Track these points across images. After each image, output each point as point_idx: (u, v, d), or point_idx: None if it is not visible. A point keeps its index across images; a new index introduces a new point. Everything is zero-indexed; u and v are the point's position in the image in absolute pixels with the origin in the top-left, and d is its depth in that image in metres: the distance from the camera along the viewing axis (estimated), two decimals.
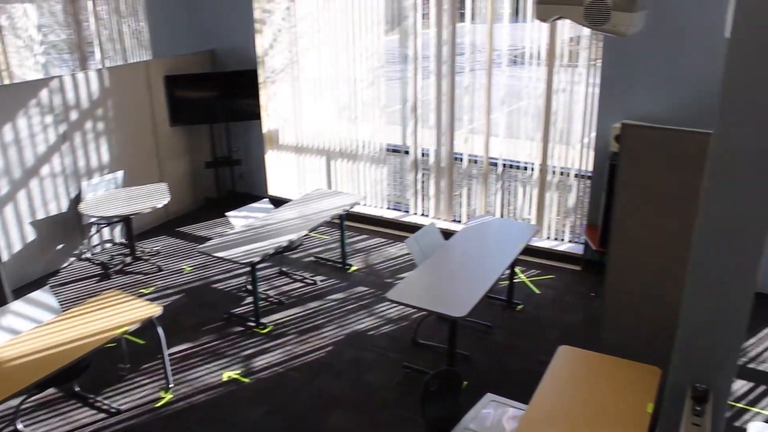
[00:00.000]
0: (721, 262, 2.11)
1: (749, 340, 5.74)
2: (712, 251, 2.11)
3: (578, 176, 6.93)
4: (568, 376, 3.81)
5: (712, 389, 2.17)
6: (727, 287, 2.11)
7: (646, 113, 6.13)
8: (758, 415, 4.81)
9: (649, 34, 5.59)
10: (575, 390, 3.67)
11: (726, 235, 2.05)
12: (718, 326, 2.17)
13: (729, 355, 2.18)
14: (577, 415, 3.45)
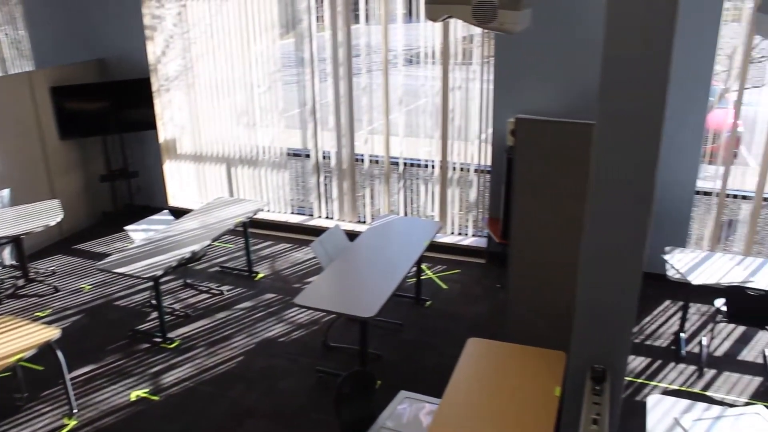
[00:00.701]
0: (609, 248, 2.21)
1: (645, 318, 6.05)
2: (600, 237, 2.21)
3: (478, 171, 7.11)
4: (478, 368, 3.89)
5: (609, 369, 2.28)
6: (616, 272, 2.22)
7: (539, 107, 6.35)
8: (656, 388, 5.08)
9: (538, 30, 5.80)
10: (486, 380, 3.76)
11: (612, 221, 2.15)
12: (610, 310, 2.27)
13: (622, 336, 2.30)
14: (489, 404, 3.54)
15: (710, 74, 6.05)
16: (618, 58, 2.03)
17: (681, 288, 5.63)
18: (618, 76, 2.04)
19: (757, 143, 6.69)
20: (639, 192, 2.09)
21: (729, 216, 8.00)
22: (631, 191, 2.10)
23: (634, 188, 2.09)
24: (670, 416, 3.61)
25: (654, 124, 2.03)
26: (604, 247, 2.22)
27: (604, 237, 2.20)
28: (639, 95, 2.02)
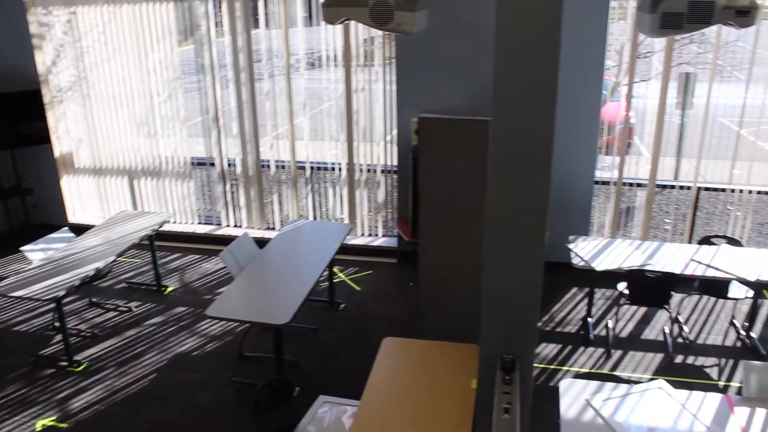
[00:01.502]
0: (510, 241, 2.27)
1: (554, 306, 6.24)
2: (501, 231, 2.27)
3: (385, 172, 7.15)
4: (395, 366, 3.92)
5: (518, 358, 2.34)
6: (518, 264, 2.29)
7: (442, 105, 6.45)
8: (568, 373, 5.25)
9: (437, 30, 5.89)
10: (404, 378, 3.78)
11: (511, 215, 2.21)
12: (514, 301, 2.34)
13: (528, 325, 2.37)
14: (408, 401, 3.57)
15: (602, 69, 6.32)
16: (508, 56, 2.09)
17: (586, 275, 5.85)
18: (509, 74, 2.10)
19: (648, 133, 7.02)
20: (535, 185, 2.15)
21: (626, 203, 8.38)
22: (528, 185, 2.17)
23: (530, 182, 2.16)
24: (581, 398, 3.74)
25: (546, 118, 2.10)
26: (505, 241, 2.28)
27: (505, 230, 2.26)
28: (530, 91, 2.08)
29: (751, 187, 6.88)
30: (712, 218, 8.70)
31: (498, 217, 2.20)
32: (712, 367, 5.39)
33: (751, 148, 7.27)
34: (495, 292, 2.32)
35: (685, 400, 3.76)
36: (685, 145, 9.16)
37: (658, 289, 5.34)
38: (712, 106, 6.74)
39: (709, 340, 5.77)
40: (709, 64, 7.00)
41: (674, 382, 5.07)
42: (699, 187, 6.90)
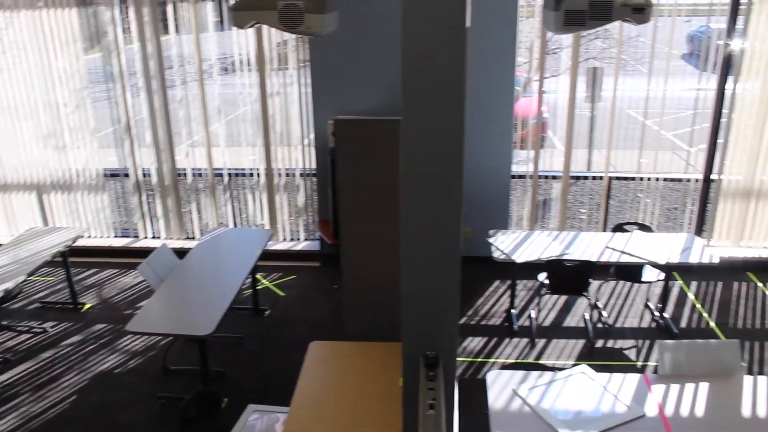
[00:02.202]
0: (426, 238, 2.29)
1: (478, 300, 6.35)
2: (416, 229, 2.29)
3: (304, 175, 7.11)
4: (323, 370, 3.90)
5: (441, 354, 2.37)
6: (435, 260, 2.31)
7: (358, 107, 6.47)
8: (495, 364, 5.35)
9: (349, 31, 5.89)
10: (332, 381, 3.77)
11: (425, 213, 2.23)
12: (434, 297, 2.36)
13: (449, 321, 2.40)
14: (338, 404, 3.55)
15: (513, 66, 6.46)
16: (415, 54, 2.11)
17: (507, 267, 5.97)
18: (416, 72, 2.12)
19: (561, 127, 7.23)
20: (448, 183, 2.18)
21: (543, 196, 8.60)
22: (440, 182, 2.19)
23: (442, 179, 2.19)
24: (508, 388, 3.82)
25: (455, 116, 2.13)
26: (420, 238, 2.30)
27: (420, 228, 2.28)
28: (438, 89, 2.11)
29: (658, 174, 7.18)
30: (624, 206, 9.04)
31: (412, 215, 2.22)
32: (630, 349, 5.60)
33: (656, 138, 7.57)
34: (413, 290, 2.34)
35: (606, 382, 3.88)
36: (595, 136, 9.47)
37: (576, 278, 5.51)
38: (618, 98, 7.00)
39: (626, 324, 5.99)
40: (613, 58, 7.27)
41: (596, 365, 5.22)
42: (610, 176, 7.15)
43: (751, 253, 7.08)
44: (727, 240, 7.15)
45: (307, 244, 7.28)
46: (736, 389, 3.86)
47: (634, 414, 3.61)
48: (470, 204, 6.63)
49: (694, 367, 3.98)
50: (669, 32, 6.71)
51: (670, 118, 9.08)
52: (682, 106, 7.84)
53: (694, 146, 7.51)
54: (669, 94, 7.04)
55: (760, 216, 7.04)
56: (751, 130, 6.71)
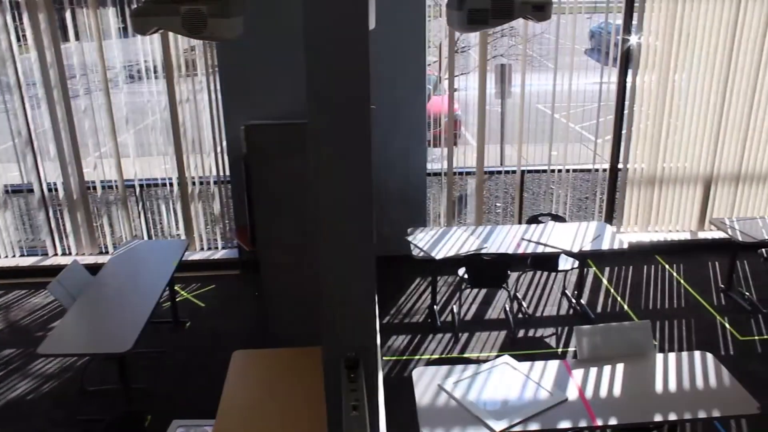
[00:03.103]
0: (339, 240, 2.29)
1: (401, 298, 6.39)
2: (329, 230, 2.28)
3: (218, 182, 6.99)
4: (247, 379, 3.84)
5: (362, 355, 2.37)
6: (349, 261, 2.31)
7: (271, 111, 6.37)
8: (420, 361, 5.40)
9: (257, 35, 5.83)
10: (257, 390, 3.72)
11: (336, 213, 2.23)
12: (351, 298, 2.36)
13: (366, 321, 2.40)
14: (263, 413, 3.51)
15: (424, 65, 6.54)
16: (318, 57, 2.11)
17: (427, 264, 6.03)
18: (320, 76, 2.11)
19: (473, 123, 7.37)
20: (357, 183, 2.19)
21: (459, 192, 8.74)
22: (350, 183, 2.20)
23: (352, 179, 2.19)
24: (434, 384, 3.86)
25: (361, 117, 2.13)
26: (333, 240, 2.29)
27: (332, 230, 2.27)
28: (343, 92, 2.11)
29: (568, 166, 7.41)
30: (538, 198, 9.29)
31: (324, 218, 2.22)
32: (551, 337, 5.76)
33: (564, 131, 7.82)
34: (330, 293, 2.33)
35: (528, 370, 3.98)
36: (507, 131, 9.69)
37: (495, 271, 5.62)
38: (527, 94, 7.19)
39: (545, 312, 6.15)
40: (520, 55, 7.46)
41: (518, 355, 5.34)
42: (523, 170, 7.33)
43: (658, 237, 7.40)
44: (636, 226, 7.45)
45: (225, 253, 7.15)
46: (649, 367, 4.03)
47: (556, 399, 3.72)
48: (387, 203, 6.67)
49: (610, 349, 4.13)
50: (572, 29, 6.93)
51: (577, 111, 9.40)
52: (588, 99, 8.11)
53: (600, 137, 7.78)
54: (575, 88, 7.29)
55: (664, 202, 7.37)
56: (652, 121, 7.02)
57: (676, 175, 7.26)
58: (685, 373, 3.98)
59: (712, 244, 7.38)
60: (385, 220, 6.48)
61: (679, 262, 7.13)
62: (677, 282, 6.72)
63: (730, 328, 5.89)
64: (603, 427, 3.59)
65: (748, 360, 5.44)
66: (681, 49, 6.82)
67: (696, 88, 6.97)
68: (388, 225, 6.50)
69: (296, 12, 2.15)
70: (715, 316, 6.08)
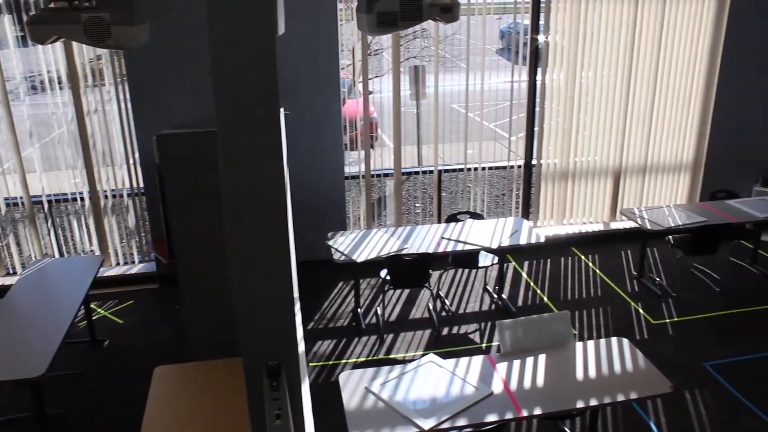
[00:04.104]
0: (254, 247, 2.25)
1: (324, 303, 6.36)
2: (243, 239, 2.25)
3: (132, 195, 6.79)
4: (170, 395, 3.74)
5: (283, 362, 2.34)
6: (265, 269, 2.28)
7: (185, 120, 6.23)
8: (347, 365, 5.38)
9: (165, 42, 5.70)
10: (180, 405, 3.63)
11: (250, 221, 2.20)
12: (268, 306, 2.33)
13: (286, 328, 2.38)
14: (187, 428, 3.42)
15: (337, 69, 6.53)
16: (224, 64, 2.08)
17: (349, 268, 6.03)
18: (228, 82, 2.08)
19: (390, 126, 7.41)
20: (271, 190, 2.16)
21: (378, 194, 8.78)
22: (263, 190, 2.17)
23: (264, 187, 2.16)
24: (361, 387, 3.86)
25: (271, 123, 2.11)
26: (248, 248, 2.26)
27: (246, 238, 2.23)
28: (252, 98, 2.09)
29: (484, 163, 7.56)
30: (456, 197, 9.43)
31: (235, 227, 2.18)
32: (474, 333, 5.85)
33: (479, 129, 7.96)
34: (247, 302, 2.30)
35: (453, 367, 4.03)
36: (423, 132, 9.81)
37: (416, 270, 5.67)
38: (441, 94, 7.28)
39: (468, 309, 6.25)
40: (433, 56, 7.55)
41: (443, 353, 5.41)
42: (440, 169, 7.42)
43: (573, 229, 7.63)
44: (552, 220, 7.67)
45: (142, 267, 6.95)
46: (570, 356, 4.14)
47: (482, 394, 3.78)
48: (307, 208, 6.63)
49: (531, 341, 4.23)
50: (482, 29, 7.07)
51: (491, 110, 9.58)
52: (501, 97, 8.28)
53: (514, 135, 7.96)
54: (488, 87, 7.44)
55: (577, 195, 7.61)
56: (562, 117, 7.24)
57: (587, 168, 7.51)
58: (604, 360, 4.11)
59: (623, 233, 7.67)
60: (305, 225, 6.44)
61: (593, 252, 7.38)
62: (593, 272, 6.95)
63: (644, 313, 6.12)
64: (528, 417, 3.68)
65: (660, 342, 5.67)
66: (586, 47, 7.06)
67: (602, 85, 7.23)
68: (308, 230, 6.46)
69: (201, 17, 2.11)
70: (630, 303, 6.31)
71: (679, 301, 6.35)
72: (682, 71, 7.35)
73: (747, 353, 5.54)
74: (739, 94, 7.48)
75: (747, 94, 7.51)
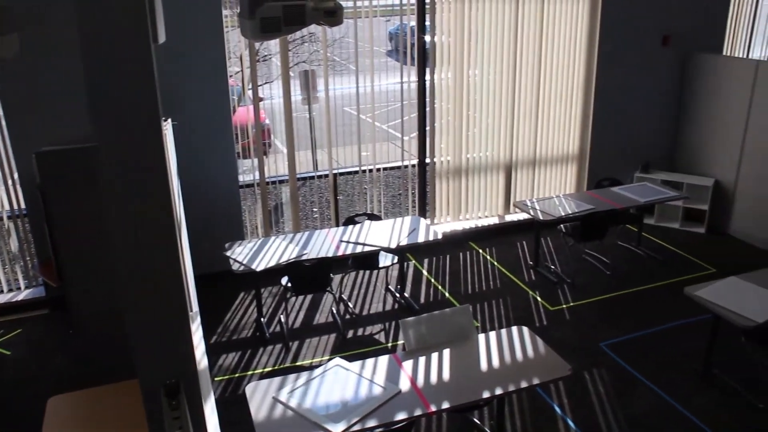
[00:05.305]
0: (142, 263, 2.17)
1: (226, 315, 6.22)
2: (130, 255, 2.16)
3: (14, 217, 6.42)
4: (66, 426, 3.56)
5: (182, 379, 2.27)
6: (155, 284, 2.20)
7: (67, 135, 5.93)
8: (254, 376, 5.29)
9: (38, 54, 5.44)
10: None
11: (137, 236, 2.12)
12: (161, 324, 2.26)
13: (182, 344, 2.30)
14: None
15: (226, 76, 6.41)
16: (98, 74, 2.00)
17: (249, 277, 5.92)
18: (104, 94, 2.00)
19: (283, 132, 7.35)
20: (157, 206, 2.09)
21: (274, 201, 8.69)
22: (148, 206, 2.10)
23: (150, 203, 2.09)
24: (268, 397, 3.80)
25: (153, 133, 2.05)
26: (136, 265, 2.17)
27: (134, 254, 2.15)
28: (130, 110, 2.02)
29: (379, 165, 7.61)
30: (353, 199, 9.46)
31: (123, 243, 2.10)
32: (379, 333, 5.88)
33: (372, 131, 8.02)
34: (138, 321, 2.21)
35: (360, 369, 4.03)
36: (317, 136, 9.79)
37: (317, 275, 5.64)
38: (333, 97, 7.29)
39: (372, 310, 6.27)
40: (323, 60, 7.54)
41: (350, 355, 5.42)
42: (336, 173, 7.42)
43: (469, 224, 7.81)
44: (448, 216, 7.82)
45: (29, 292, 6.58)
46: (474, 348, 4.23)
47: (390, 393, 3.80)
48: (202, 220, 6.48)
49: (435, 337, 4.29)
50: (370, 31, 7.11)
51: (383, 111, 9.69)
52: (392, 98, 8.38)
53: (407, 135, 8.07)
54: (379, 89, 7.50)
55: (471, 191, 7.79)
56: (453, 115, 7.39)
57: (479, 164, 7.70)
58: (506, 349, 4.22)
59: (517, 225, 7.92)
60: (201, 237, 6.28)
61: (490, 245, 7.58)
62: (491, 264, 7.13)
63: (542, 301, 6.34)
64: (437, 412, 3.72)
65: (558, 327, 5.89)
66: (472, 46, 7.24)
67: (489, 82, 7.43)
68: (205, 242, 6.31)
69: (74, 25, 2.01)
70: (528, 292, 6.52)
71: (573, 286, 6.62)
72: (563, 67, 7.67)
73: (638, 330, 5.84)
74: (617, 87, 7.88)
75: (624, 88, 7.93)
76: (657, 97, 8.16)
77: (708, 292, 4.97)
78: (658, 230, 7.93)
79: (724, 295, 4.91)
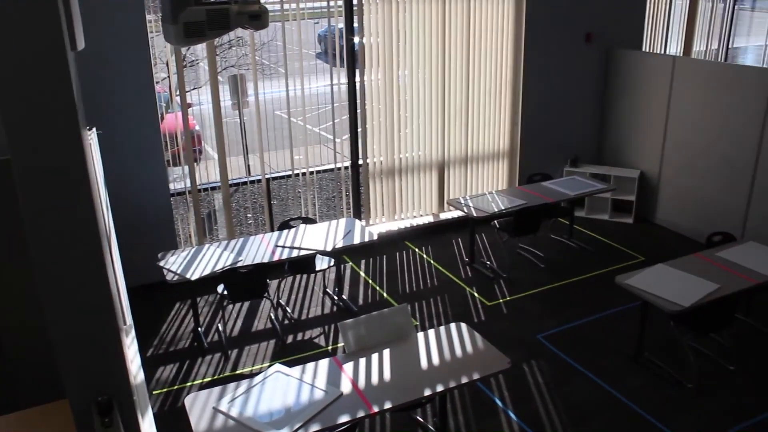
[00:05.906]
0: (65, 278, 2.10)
1: (162, 327, 6.09)
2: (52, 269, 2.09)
3: None
4: None
5: (115, 396, 2.20)
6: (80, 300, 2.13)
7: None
8: (193, 387, 5.19)
9: None
10: None
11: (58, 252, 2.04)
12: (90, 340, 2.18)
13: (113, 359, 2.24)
14: None
15: (152, 83, 6.26)
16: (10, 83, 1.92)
17: (184, 287, 5.81)
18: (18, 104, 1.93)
19: (214, 138, 7.23)
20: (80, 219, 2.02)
21: (207, 208, 8.55)
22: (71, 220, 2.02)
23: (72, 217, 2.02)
24: (208, 407, 3.73)
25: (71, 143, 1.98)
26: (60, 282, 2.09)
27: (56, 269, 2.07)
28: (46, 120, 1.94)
29: (312, 168, 7.58)
30: (287, 203, 9.39)
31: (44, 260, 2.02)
32: (319, 337, 5.85)
33: (304, 134, 7.98)
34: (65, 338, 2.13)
35: (301, 374, 4.01)
36: (249, 141, 9.67)
37: (253, 281, 5.57)
38: (263, 101, 7.22)
39: (311, 314, 6.24)
40: (252, 64, 7.46)
41: (290, 361, 5.38)
42: (269, 178, 7.35)
43: (405, 224, 7.85)
44: (383, 217, 7.84)
45: None
46: (413, 347, 4.26)
47: (332, 396, 3.78)
48: (133, 230, 6.32)
49: (374, 338, 4.30)
50: (299, 34, 7.07)
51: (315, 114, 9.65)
52: (323, 101, 8.36)
53: (339, 137, 8.05)
54: (309, 92, 7.46)
55: (405, 191, 7.83)
56: (384, 116, 7.42)
57: (412, 164, 7.75)
58: (445, 346, 4.26)
59: (452, 223, 8.00)
60: (133, 248, 6.13)
61: (426, 244, 7.64)
62: (427, 263, 7.19)
63: (479, 297, 6.43)
64: (380, 412, 3.73)
65: (496, 321, 5.98)
66: (401, 46, 7.28)
67: (419, 82, 7.49)
68: (136, 253, 6.16)
69: None
70: (465, 288, 6.60)
71: (509, 281, 6.73)
72: (491, 66, 7.79)
73: (573, 320, 5.98)
74: (544, 84, 8.06)
75: (551, 84, 8.11)
76: (582, 93, 8.38)
77: (637, 280, 5.13)
78: (588, 222, 8.15)
79: (652, 282, 5.08)
